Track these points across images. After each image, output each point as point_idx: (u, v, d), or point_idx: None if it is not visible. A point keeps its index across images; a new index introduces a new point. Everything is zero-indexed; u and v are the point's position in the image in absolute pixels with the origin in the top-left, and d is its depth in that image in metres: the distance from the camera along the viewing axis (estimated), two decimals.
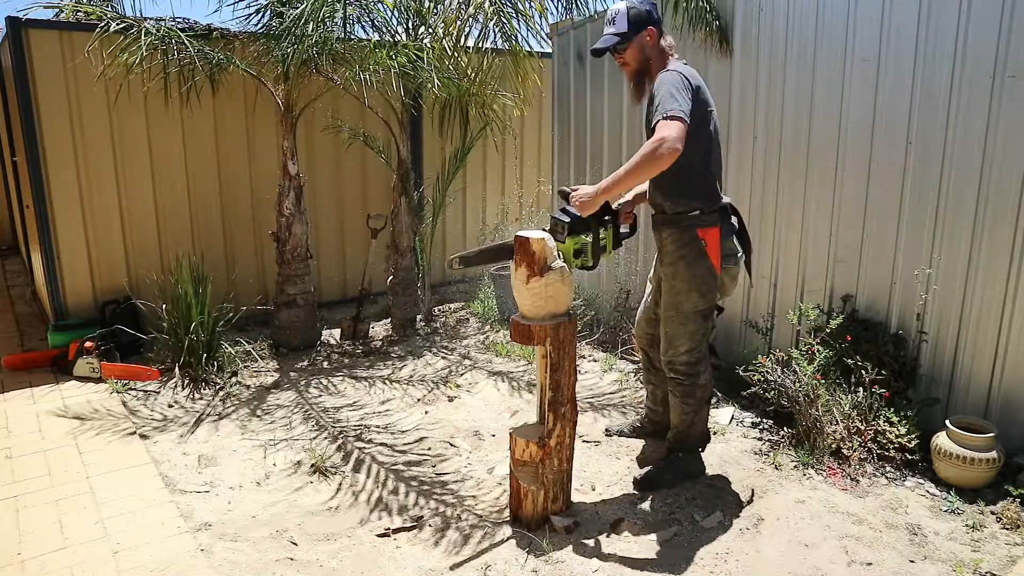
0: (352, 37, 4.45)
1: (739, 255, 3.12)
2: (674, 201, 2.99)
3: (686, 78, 2.78)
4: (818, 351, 3.57)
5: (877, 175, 3.61)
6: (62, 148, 4.78)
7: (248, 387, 4.41)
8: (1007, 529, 2.89)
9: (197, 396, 4.25)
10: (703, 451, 3.37)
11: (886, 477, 3.28)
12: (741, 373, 3.85)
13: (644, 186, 3.16)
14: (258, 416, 4.00)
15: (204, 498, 3.17)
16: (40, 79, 4.62)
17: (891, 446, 3.32)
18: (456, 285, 6.70)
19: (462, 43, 4.67)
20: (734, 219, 3.11)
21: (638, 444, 3.65)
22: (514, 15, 4.04)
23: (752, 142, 4.18)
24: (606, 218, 2.92)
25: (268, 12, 4.49)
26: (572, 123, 5.51)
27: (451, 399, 4.26)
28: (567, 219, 2.82)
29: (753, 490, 3.21)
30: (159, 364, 4.57)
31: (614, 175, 2.73)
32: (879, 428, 3.36)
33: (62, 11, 4.76)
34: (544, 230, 2.84)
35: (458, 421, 3.97)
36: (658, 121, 2.67)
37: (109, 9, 4.55)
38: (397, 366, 4.80)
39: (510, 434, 2.91)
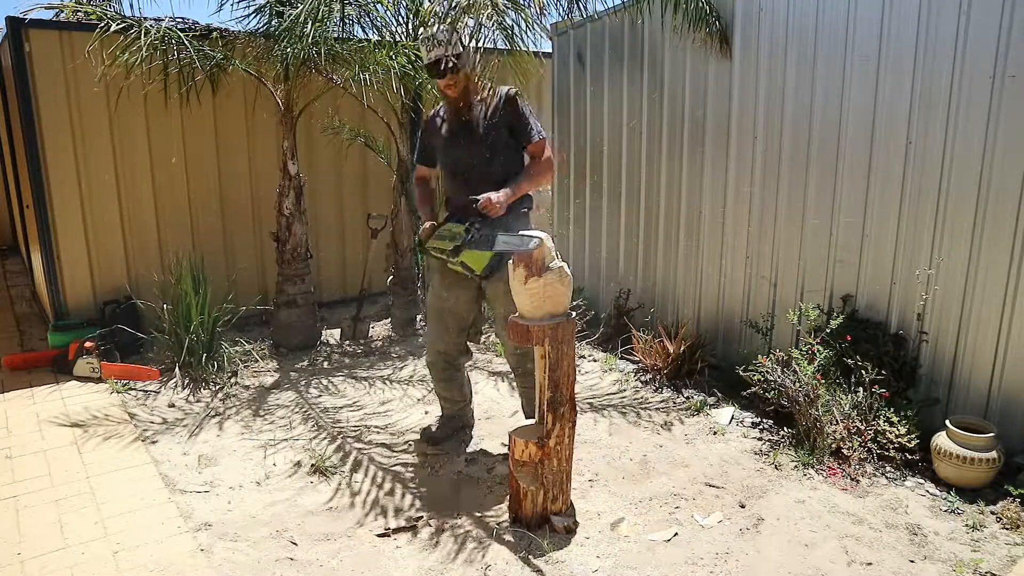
0: (352, 37, 4.45)
1: None
2: (516, 203, 3.19)
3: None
4: (818, 351, 3.57)
5: (877, 175, 3.61)
6: (62, 148, 4.78)
7: (248, 387, 4.41)
8: (1007, 529, 2.89)
9: (197, 396, 4.25)
10: None
11: (886, 477, 3.28)
12: (741, 373, 3.86)
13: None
14: (258, 416, 4.00)
15: (204, 498, 3.17)
16: (40, 79, 4.62)
17: (891, 446, 3.33)
18: None
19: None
20: None
21: (637, 445, 3.65)
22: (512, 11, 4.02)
23: (752, 142, 4.18)
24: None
25: (268, 12, 4.49)
26: (572, 123, 5.51)
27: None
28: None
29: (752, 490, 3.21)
30: (159, 364, 4.58)
31: (518, 183, 3.12)
32: (879, 428, 3.36)
33: (62, 11, 4.76)
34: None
35: None
36: (539, 140, 3.20)
37: (109, 9, 4.55)
38: (397, 366, 4.80)
39: (509, 434, 2.91)
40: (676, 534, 2.89)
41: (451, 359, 3.51)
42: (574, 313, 2.89)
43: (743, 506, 3.09)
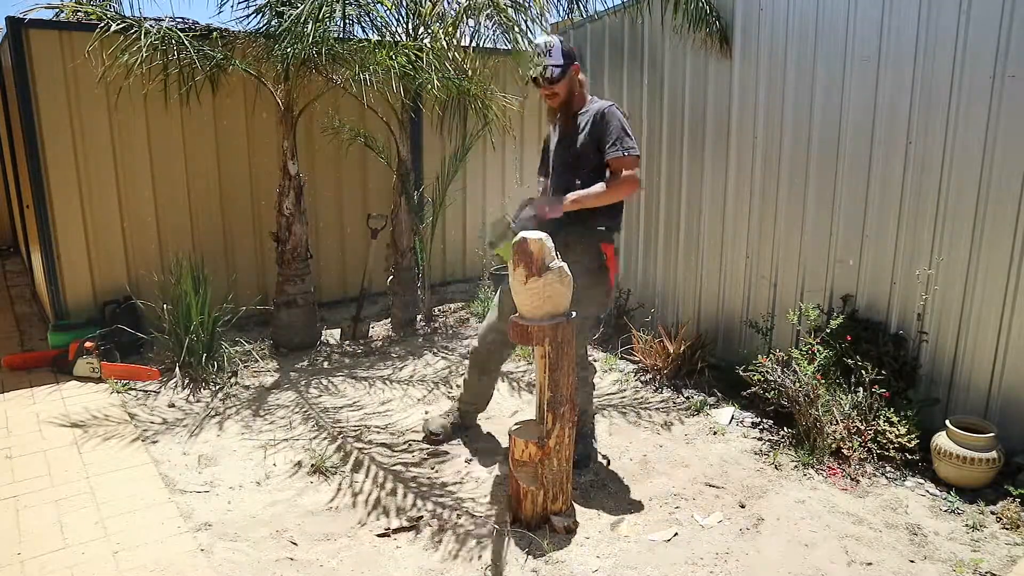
0: (352, 37, 4.45)
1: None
2: (591, 217, 3.15)
3: (627, 117, 3.16)
4: (818, 351, 3.57)
5: (877, 175, 3.61)
6: (62, 148, 4.78)
7: (248, 387, 4.41)
8: (1007, 529, 2.89)
9: (197, 396, 4.25)
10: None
11: (886, 477, 3.28)
12: (741, 373, 3.86)
13: None
14: (258, 416, 4.00)
15: (204, 498, 3.17)
16: (40, 79, 4.62)
17: (891, 446, 3.33)
18: (456, 285, 6.70)
19: (461, 42, 4.66)
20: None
21: (637, 445, 3.65)
22: (514, 11, 4.01)
23: (752, 142, 4.18)
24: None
25: (268, 12, 4.49)
26: None
27: (451, 399, 4.26)
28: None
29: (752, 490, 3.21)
30: (159, 364, 4.58)
31: (585, 193, 3.05)
32: (879, 428, 3.36)
33: (62, 11, 4.76)
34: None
35: None
36: (622, 157, 3.06)
37: (109, 9, 4.54)
38: (397, 366, 4.80)
39: (509, 435, 2.91)
40: (676, 534, 2.89)
41: (494, 349, 3.48)
42: (574, 313, 2.89)
43: (743, 506, 3.09)
